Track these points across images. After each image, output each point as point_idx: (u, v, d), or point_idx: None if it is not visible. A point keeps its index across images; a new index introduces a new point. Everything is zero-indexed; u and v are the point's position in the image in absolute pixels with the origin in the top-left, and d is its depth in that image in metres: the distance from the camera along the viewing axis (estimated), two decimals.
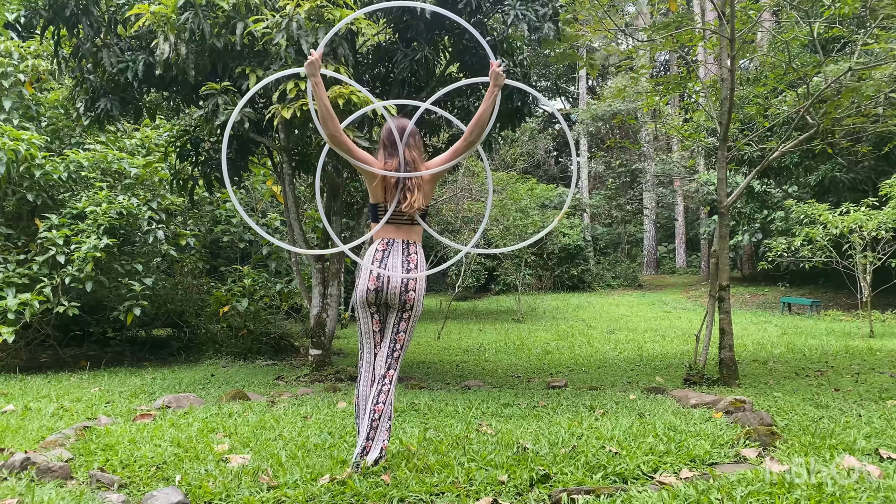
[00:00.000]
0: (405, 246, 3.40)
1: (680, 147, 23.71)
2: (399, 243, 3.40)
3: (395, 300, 3.34)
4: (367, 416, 3.26)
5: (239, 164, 8.00)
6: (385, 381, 3.31)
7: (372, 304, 3.37)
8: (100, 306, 8.92)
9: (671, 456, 3.38)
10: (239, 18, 6.29)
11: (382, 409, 3.26)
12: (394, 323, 3.38)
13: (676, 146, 25.01)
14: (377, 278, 3.32)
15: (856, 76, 6.95)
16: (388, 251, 3.37)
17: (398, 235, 3.41)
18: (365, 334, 3.42)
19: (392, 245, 3.39)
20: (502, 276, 21.16)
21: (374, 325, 3.40)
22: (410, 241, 3.42)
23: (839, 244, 12.86)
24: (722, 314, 6.77)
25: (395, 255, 3.36)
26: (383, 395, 3.28)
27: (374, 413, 3.25)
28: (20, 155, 7.91)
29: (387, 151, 3.46)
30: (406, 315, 3.38)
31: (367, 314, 3.39)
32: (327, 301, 7.81)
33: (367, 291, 3.33)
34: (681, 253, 27.30)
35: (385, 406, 3.27)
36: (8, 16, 7.32)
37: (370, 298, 3.35)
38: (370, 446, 3.23)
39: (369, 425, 3.24)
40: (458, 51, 7.45)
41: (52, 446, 3.78)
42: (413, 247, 3.42)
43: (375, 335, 3.40)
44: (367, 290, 3.33)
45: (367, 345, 3.42)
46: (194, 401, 5.37)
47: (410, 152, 3.43)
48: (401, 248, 3.39)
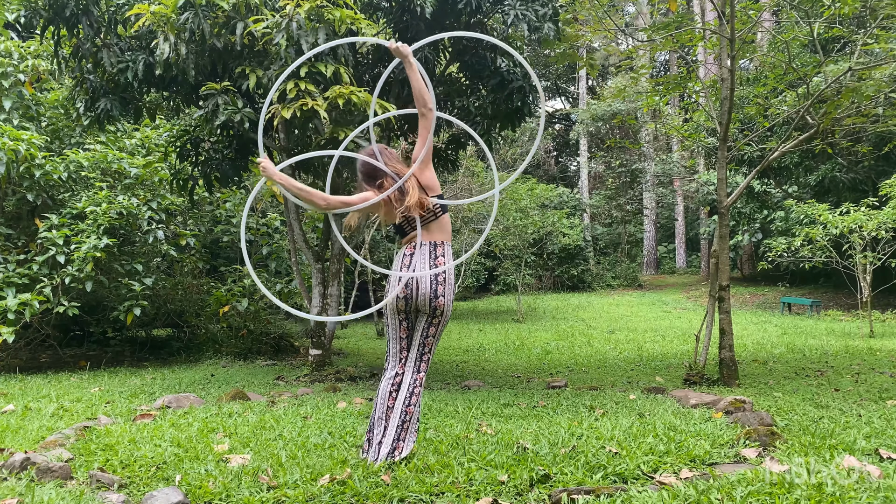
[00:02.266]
0: (432, 248, 3.38)
1: (680, 147, 23.71)
2: (426, 246, 3.38)
3: (425, 306, 3.35)
4: (396, 417, 3.31)
5: (239, 164, 8.00)
6: (416, 384, 3.37)
7: (402, 311, 3.38)
8: (100, 306, 8.93)
9: (671, 456, 3.38)
10: (239, 18, 6.29)
11: (413, 412, 3.34)
12: (423, 327, 3.41)
13: (676, 146, 25.01)
14: (406, 286, 3.32)
15: (856, 76, 6.95)
16: (416, 254, 3.36)
17: (427, 238, 3.40)
18: (392, 339, 3.45)
19: (420, 248, 3.37)
20: (502, 276, 21.16)
21: (402, 331, 3.42)
22: (438, 241, 3.40)
23: (839, 244, 12.86)
24: (722, 314, 6.77)
25: (422, 258, 3.35)
26: (414, 397, 3.35)
27: (405, 414, 3.31)
28: (20, 155, 7.91)
29: (372, 179, 3.43)
30: (436, 321, 3.40)
31: (397, 321, 3.41)
32: (327, 301, 7.81)
33: (397, 299, 3.34)
34: (681, 253, 27.30)
35: (415, 409, 3.35)
36: (8, 16, 7.32)
37: (400, 306, 3.36)
38: (401, 447, 3.29)
39: (400, 426, 3.30)
40: (457, 51, 7.46)
41: (52, 446, 3.78)
42: (441, 248, 3.39)
43: (402, 340, 3.43)
44: (398, 297, 3.34)
45: (393, 349, 3.46)
46: (194, 401, 5.37)
47: (393, 166, 3.42)
48: (428, 251, 3.37)
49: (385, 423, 3.35)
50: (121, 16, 6.98)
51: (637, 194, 27.01)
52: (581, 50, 18.55)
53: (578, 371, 8.02)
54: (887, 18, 6.84)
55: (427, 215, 3.41)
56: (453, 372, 8.04)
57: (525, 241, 17.42)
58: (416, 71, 3.28)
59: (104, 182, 9.20)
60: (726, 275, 6.80)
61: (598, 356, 9.48)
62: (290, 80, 5.92)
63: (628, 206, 27.36)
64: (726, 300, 6.78)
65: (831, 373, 7.28)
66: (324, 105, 5.75)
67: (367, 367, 8.22)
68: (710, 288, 6.96)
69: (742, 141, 8.96)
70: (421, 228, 3.39)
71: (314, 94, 5.90)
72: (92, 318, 9.10)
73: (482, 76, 7.45)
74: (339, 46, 6.08)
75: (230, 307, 9.39)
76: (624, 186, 27.35)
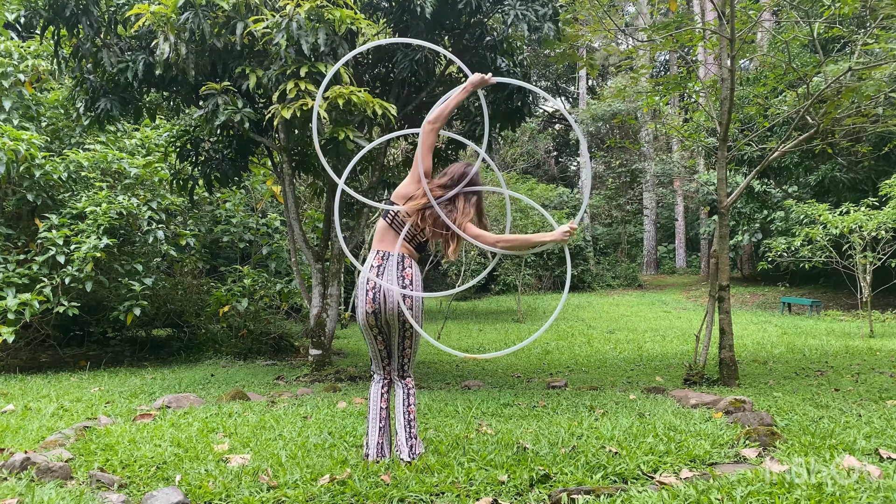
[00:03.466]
0: (399, 260, 3.40)
1: (680, 147, 23.71)
2: (394, 258, 3.40)
3: (394, 321, 3.40)
4: (401, 419, 3.42)
5: (239, 164, 8.00)
6: (408, 387, 3.48)
7: (373, 325, 3.43)
8: (100, 306, 8.92)
9: (671, 456, 3.38)
10: (239, 18, 6.29)
11: (413, 410, 3.46)
12: (398, 342, 3.47)
13: (676, 146, 25.00)
14: (373, 300, 3.37)
15: (856, 76, 6.94)
16: (384, 266, 3.40)
17: (398, 249, 3.41)
18: (372, 352, 3.55)
19: (387, 259, 3.40)
20: (502, 276, 21.16)
21: (379, 344, 3.50)
22: (405, 254, 3.43)
23: (839, 244, 12.86)
24: (722, 314, 6.77)
25: (389, 270, 3.38)
26: (411, 398, 3.47)
27: (408, 415, 3.43)
28: (20, 155, 7.91)
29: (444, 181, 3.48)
30: (408, 333, 3.45)
31: (371, 336, 3.48)
32: (327, 301, 7.81)
33: (367, 315, 3.41)
34: (681, 253, 27.30)
35: (414, 407, 3.48)
36: (8, 16, 7.32)
37: (370, 321, 3.42)
38: (416, 444, 3.41)
39: (407, 425, 3.41)
40: (457, 51, 7.45)
41: (52, 446, 3.78)
42: (407, 260, 3.42)
43: (381, 352, 3.52)
44: (367, 313, 3.40)
45: (374, 361, 3.56)
46: (194, 401, 5.37)
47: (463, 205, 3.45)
48: (395, 263, 3.39)
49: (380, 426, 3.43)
50: (121, 16, 6.98)
51: (637, 194, 27.00)
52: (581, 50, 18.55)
53: (578, 371, 8.01)
54: (887, 18, 6.84)
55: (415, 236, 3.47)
56: (453, 372, 8.04)
57: None
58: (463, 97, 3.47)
59: (104, 182, 9.20)
60: (726, 275, 6.80)
61: (598, 356, 9.48)
62: (291, 80, 5.92)
63: (628, 206, 27.34)
64: (726, 300, 6.78)
65: (831, 373, 7.28)
66: (324, 105, 5.75)
67: (367, 367, 8.22)
68: (710, 288, 6.96)
69: (742, 141, 8.96)
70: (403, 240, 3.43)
71: (314, 93, 5.89)
72: (92, 318, 9.10)
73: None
74: (339, 47, 6.08)
75: (230, 307, 9.39)
76: (624, 186, 27.34)
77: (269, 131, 7.38)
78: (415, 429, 3.43)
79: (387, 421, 3.45)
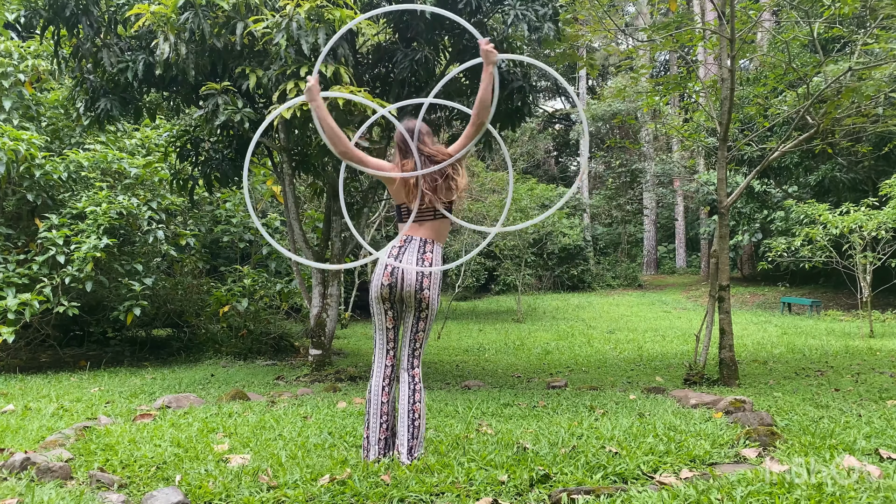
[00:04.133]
0: (422, 244, 3.39)
1: (680, 147, 23.70)
2: (416, 241, 3.40)
3: (410, 298, 3.35)
4: (405, 417, 3.32)
5: (239, 164, 7.99)
6: (415, 381, 3.38)
7: (386, 299, 3.37)
8: (100, 306, 8.93)
9: (671, 456, 3.38)
10: (239, 18, 6.29)
11: (420, 409, 3.35)
12: (412, 322, 3.41)
13: (676, 146, 25.00)
14: (391, 274, 3.33)
15: (856, 76, 6.95)
16: (405, 248, 3.38)
17: (419, 233, 3.42)
18: (378, 330, 3.45)
19: (409, 242, 3.39)
20: (502, 276, 21.15)
21: (388, 321, 3.42)
22: (429, 239, 3.42)
23: (839, 244, 12.86)
24: (722, 314, 6.77)
25: (410, 252, 3.37)
26: (417, 394, 3.36)
27: (413, 413, 3.33)
28: (20, 155, 7.91)
29: (402, 153, 3.47)
30: (423, 314, 3.40)
31: (381, 310, 3.41)
32: (327, 301, 7.81)
33: (381, 286, 3.35)
34: (681, 253, 27.30)
35: (421, 405, 3.36)
36: (8, 16, 7.32)
37: (384, 294, 3.36)
38: (416, 444, 3.32)
39: (411, 424, 3.32)
40: (458, 51, 7.45)
41: (52, 446, 3.78)
42: (430, 245, 3.41)
43: (388, 332, 3.43)
44: (382, 284, 3.34)
45: (379, 342, 3.45)
46: (194, 401, 5.37)
47: (428, 148, 3.44)
48: (417, 246, 3.38)
49: (382, 421, 3.35)
50: (121, 16, 6.97)
51: (637, 194, 27.01)
52: (581, 50, 18.56)
53: (578, 371, 8.01)
54: (887, 18, 6.84)
55: (426, 212, 3.42)
56: (453, 372, 8.04)
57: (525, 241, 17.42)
58: (492, 78, 3.26)
59: (104, 182, 9.20)
60: (726, 275, 6.80)
61: (598, 356, 9.48)
62: (291, 80, 5.92)
63: (628, 206, 27.35)
64: (726, 300, 6.78)
65: (831, 373, 7.28)
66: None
67: (367, 366, 8.22)
68: (710, 288, 6.96)
69: (742, 141, 8.96)
70: (414, 223, 3.41)
71: None
72: (92, 318, 9.10)
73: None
74: (339, 47, 6.08)
75: (230, 307, 9.39)
76: (624, 186, 27.35)
77: (269, 131, 7.38)
78: (420, 430, 3.34)
79: (389, 416, 3.37)
